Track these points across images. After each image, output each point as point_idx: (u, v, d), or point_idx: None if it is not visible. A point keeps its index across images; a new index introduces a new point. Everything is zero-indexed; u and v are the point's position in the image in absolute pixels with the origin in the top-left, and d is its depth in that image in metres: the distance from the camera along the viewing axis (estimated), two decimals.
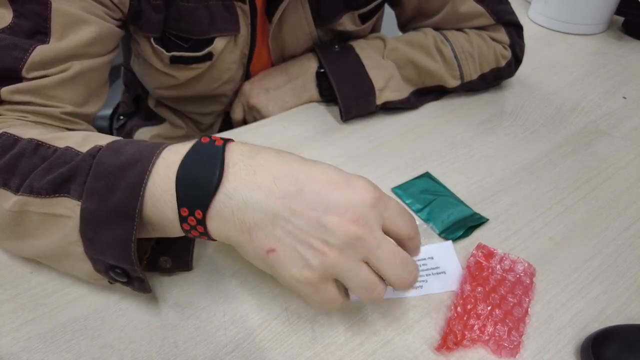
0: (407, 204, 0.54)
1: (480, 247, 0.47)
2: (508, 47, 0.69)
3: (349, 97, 0.64)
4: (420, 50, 0.67)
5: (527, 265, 0.46)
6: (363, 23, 0.70)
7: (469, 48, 0.67)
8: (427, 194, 0.54)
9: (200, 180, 0.34)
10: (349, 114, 0.64)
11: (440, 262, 0.47)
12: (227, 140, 0.37)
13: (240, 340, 0.40)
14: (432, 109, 0.69)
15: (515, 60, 0.71)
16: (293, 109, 0.68)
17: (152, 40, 0.58)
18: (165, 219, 0.36)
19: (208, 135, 0.37)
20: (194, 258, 0.46)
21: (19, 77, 0.44)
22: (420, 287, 0.45)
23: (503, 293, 0.44)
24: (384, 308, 0.43)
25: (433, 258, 0.48)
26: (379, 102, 0.65)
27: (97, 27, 0.49)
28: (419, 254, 0.40)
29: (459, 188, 0.56)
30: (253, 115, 0.70)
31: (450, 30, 0.69)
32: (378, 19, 0.75)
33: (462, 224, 0.51)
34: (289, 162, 0.36)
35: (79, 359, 0.39)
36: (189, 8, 0.56)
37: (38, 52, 0.44)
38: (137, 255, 0.36)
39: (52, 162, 0.37)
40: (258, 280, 0.45)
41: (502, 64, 0.69)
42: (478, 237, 0.50)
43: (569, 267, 0.47)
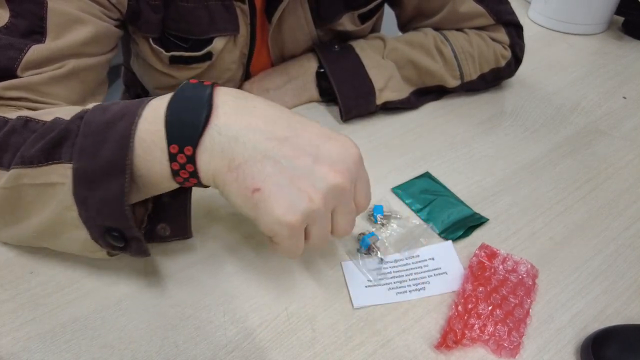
0: (407, 204, 0.54)
1: (484, 247, 0.47)
2: (508, 47, 0.69)
3: (349, 97, 0.64)
4: (420, 50, 0.67)
5: (530, 267, 0.46)
6: (363, 23, 0.70)
7: (469, 48, 0.67)
8: (427, 194, 0.54)
9: (190, 116, 0.35)
10: (349, 114, 0.65)
11: (442, 262, 0.47)
12: (214, 83, 0.37)
13: (240, 340, 0.40)
14: (432, 109, 0.69)
15: (515, 60, 0.71)
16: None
17: (150, 41, 0.58)
18: (155, 164, 0.36)
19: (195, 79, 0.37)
20: (194, 260, 0.46)
21: (15, 76, 0.44)
22: (423, 288, 0.45)
23: (505, 293, 0.44)
24: (384, 308, 0.43)
25: (434, 259, 0.47)
26: (379, 102, 0.65)
27: (93, 27, 0.49)
28: (418, 254, 0.40)
29: (459, 188, 0.56)
30: None
31: (450, 31, 0.69)
32: (378, 19, 0.75)
33: (462, 224, 0.51)
34: (282, 110, 0.38)
35: (79, 359, 0.39)
36: (188, 8, 0.56)
37: (33, 51, 0.44)
38: (131, 210, 0.36)
39: (42, 131, 0.38)
40: (258, 280, 0.45)
41: (502, 64, 0.69)
42: (478, 237, 0.50)
43: (569, 267, 0.47)
